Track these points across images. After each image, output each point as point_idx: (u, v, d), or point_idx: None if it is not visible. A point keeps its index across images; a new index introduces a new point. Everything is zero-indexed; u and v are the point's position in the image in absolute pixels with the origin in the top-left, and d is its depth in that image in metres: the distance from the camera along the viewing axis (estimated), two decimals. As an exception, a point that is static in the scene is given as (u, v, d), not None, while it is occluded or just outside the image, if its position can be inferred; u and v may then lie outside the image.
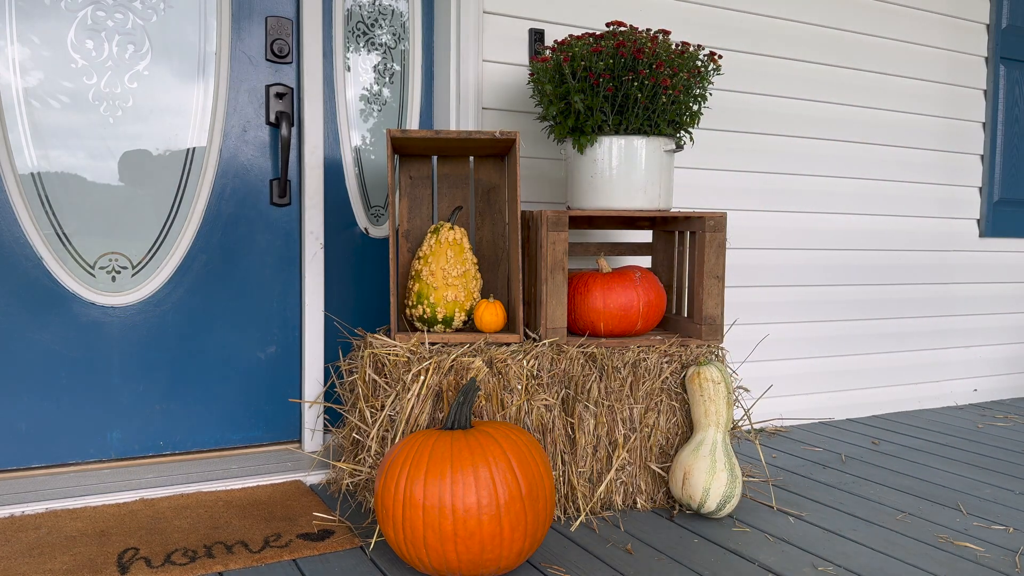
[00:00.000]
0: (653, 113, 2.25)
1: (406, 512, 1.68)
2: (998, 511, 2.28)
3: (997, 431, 3.21)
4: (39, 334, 2.30)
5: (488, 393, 2.04)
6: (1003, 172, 3.76)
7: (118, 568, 1.77)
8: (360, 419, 2.13)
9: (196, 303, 2.47)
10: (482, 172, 2.45)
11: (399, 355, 2.07)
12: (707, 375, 2.17)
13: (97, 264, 2.36)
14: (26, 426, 2.31)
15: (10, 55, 2.22)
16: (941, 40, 3.50)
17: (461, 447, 1.70)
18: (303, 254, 2.56)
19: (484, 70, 2.65)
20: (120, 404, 2.40)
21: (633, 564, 1.87)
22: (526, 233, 2.36)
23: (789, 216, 3.21)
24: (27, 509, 2.08)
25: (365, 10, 2.64)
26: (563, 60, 2.22)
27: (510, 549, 1.69)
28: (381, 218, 2.72)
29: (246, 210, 2.52)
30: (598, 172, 2.29)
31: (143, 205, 2.40)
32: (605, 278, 2.29)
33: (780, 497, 2.36)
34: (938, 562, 1.92)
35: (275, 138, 2.54)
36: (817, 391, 3.34)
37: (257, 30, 2.49)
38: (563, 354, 2.16)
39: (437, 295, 2.21)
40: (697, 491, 2.12)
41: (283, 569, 1.80)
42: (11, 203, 2.25)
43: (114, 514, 2.08)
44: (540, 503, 1.74)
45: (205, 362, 2.49)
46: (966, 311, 3.71)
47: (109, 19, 2.32)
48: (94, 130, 2.33)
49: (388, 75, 2.69)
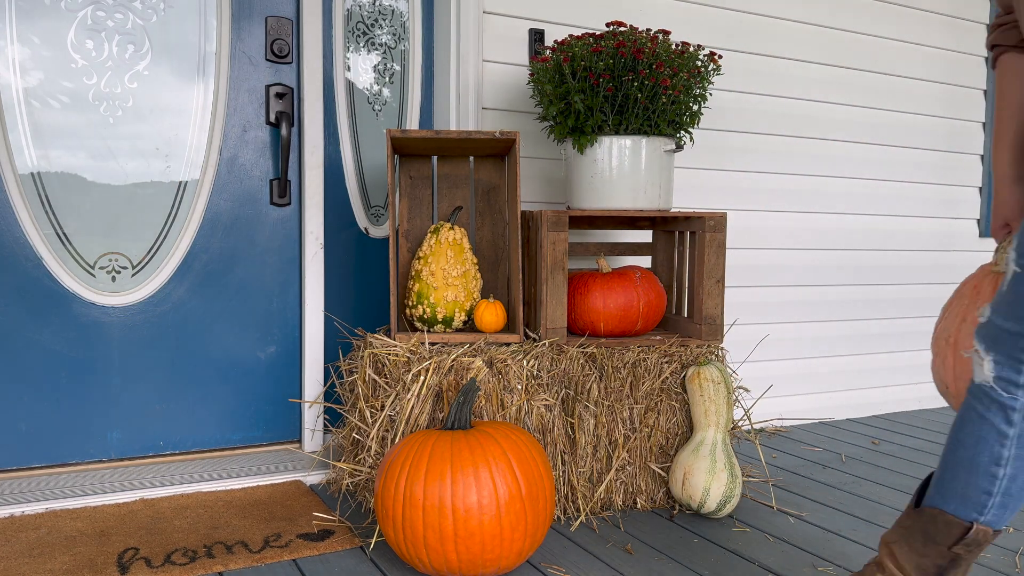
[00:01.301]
0: (653, 113, 2.25)
1: (406, 512, 1.68)
2: (998, 511, 2.28)
3: (997, 431, 3.21)
4: (39, 334, 2.30)
5: (488, 393, 2.04)
6: (1003, 172, 3.76)
7: (118, 568, 1.77)
8: (360, 419, 2.13)
9: (196, 303, 2.47)
10: (482, 172, 2.45)
11: (399, 355, 2.07)
12: (707, 375, 2.17)
13: (97, 264, 2.36)
14: (26, 426, 2.31)
15: (10, 55, 2.22)
16: (941, 40, 3.50)
17: (461, 447, 1.70)
18: (303, 254, 2.56)
19: (484, 70, 2.65)
20: (120, 404, 2.40)
21: (633, 564, 1.87)
22: (526, 233, 2.36)
23: (789, 216, 3.21)
24: (27, 509, 2.08)
25: (365, 10, 2.64)
26: (563, 60, 2.22)
27: (510, 549, 1.70)
28: (381, 218, 2.72)
29: (246, 210, 2.52)
30: (598, 172, 2.29)
31: (143, 205, 2.40)
32: (605, 278, 2.29)
33: (780, 497, 2.36)
34: (938, 562, 1.91)
35: (275, 138, 2.54)
36: (817, 391, 3.34)
37: (257, 30, 2.49)
38: (563, 354, 2.16)
39: (437, 295, 2.21)
40: (697, 491, 2.12)
41: (283, 569, 1.80)
42: (11, 203, 2.25)
43: (114, 514, 2.08)
44: (540, 503, 1.74)
45: (205, 362, 2.49)
46: (966, 311, 3.71)
47: (109, 19, 2.32)
48: (94, 130, 2.33)
49: (388, 75, 2.69)
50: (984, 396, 1.28)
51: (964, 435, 1.31)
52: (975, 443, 1.29)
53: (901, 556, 1.38)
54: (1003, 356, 1.25)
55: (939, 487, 1.35)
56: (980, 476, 1.29)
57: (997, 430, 1.27)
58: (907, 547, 1.37)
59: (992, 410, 1.27)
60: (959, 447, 1.32)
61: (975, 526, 1.30)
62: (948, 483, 1.33)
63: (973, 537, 1.31)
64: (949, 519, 1.32)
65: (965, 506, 1.31)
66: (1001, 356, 1.25)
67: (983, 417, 1.28)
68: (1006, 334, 1.24)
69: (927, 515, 1.36)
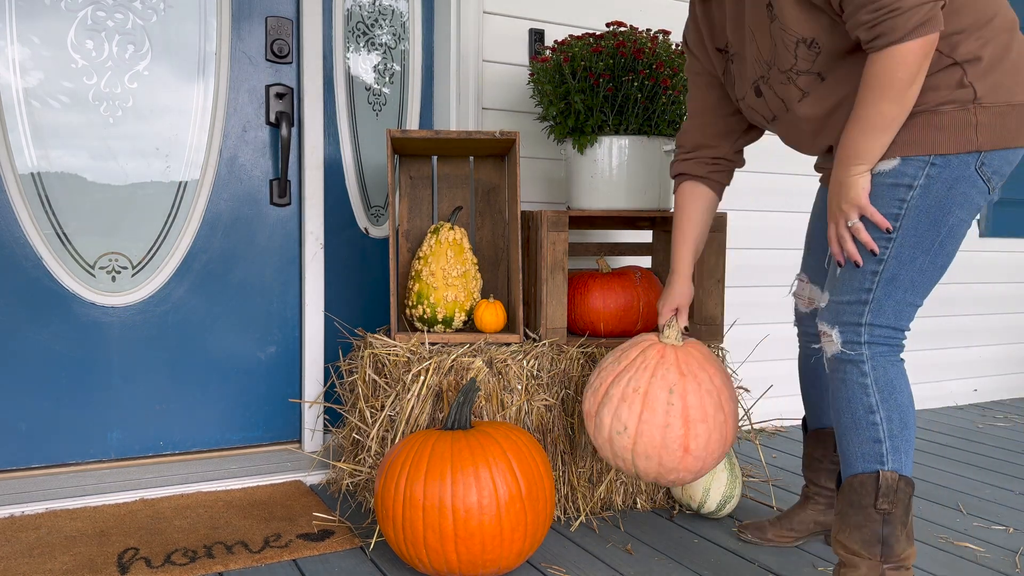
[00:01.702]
0: (653, 113, 2.25)
1: (406, 512, 1.68)
2: (998, 511, 2.28)
3: (997, 431, 3.21)
4: (39, 334, 2.30)
5: (488, 393, 2.04)
6: (1003, 172, 3.76)
7: (118, 568, 1.77)
8: (360, 419, 2.13)
9: (196, 303, 2.47)
10: (482, 172, 2.45)
11: (399, 355, 2.07)
12: None
13: (97, 264, 2.36)
14: (26, 426, 2.31)
15: (10, 55, 2.22)
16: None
17: (461, 447, 1.70)
18: (303, 254, 2.56)
19: (484, 70, 2.65)
20: (120, 404, 2.40)
21: (633, 564, 1.87)
22: (526, 233, 2.36)
23: (789, 216, 3.21)
24: (27, 509, 2.08)
25: (365, 10, 2.64)
26: (563, 60, 2.22)
27: (510, 549, 1.69)
28: (381, 218, 2.72)
29: (246, 210, 2.52)
30: (598, 172, 2.29)
31: (143, 205, 2.40)
32: (605, 278, 2.29)
33: (780, 497, 2.36)
34: (938, 562, 1.92)
35: (275, 138, 2.54)
36: (817, 391, 3.34)
37: (257, 30, 2.49)
38: (563, 354, 2.16)
39: (437, 295, 2.21)
40: (697, 491, 2.12)
41: (283, 569, 1.80)
42: (11, 203, 2.25)
43: (114, 514, 2.08)
44: (540, 503, 1.74)
45: (205, 362, 2.49)
46: (966, 311, 3.71)
47: (109, 19, 2.32)
48: (94, 130, 2.33)
49: (388, 75, 2.69)
50: (841, 364, 1.52)
51: (840, 403, 1.53)
52: (848, 403, 1.51)
53: (847, 540, 1.53)
54: (845, 325, 1.51)
55: (845, 460, 1.54)
56: (865, 429, 1.50)
57: (859, 383, 1.50)
58: (847, 528, 1.53)
59: (848, 369, 1.51)
60: (841, 415, 1.53)
61: (881, 473, 1.49)
62: (847, 450, 1.53)
63: (886, 485, 1.48)
64: (862, 479, 1.50)
65: (867, 461, 1.50)
66: (843, 326, 1.51)
67: (845, 380, 1.52)
68: (844, 305, 1.51)
69: (846, 487, 1.53)
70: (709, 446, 1.74)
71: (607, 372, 1.81)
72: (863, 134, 1.42)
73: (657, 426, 1.71)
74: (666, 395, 1.72)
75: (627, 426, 1.73)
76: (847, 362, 1.51)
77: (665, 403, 1.71)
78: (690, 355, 1.78)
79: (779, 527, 1.98)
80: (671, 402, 1.71)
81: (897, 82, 1.36)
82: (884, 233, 1.47)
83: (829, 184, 1.52)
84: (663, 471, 1.75)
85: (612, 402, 1.76)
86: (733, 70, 1.72)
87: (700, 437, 1.72)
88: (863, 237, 1.47)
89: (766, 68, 1.58)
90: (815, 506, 1.95)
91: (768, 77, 1.59)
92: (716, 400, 1.75)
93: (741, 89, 1.71)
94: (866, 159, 1.44)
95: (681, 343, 1.82)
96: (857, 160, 1.44)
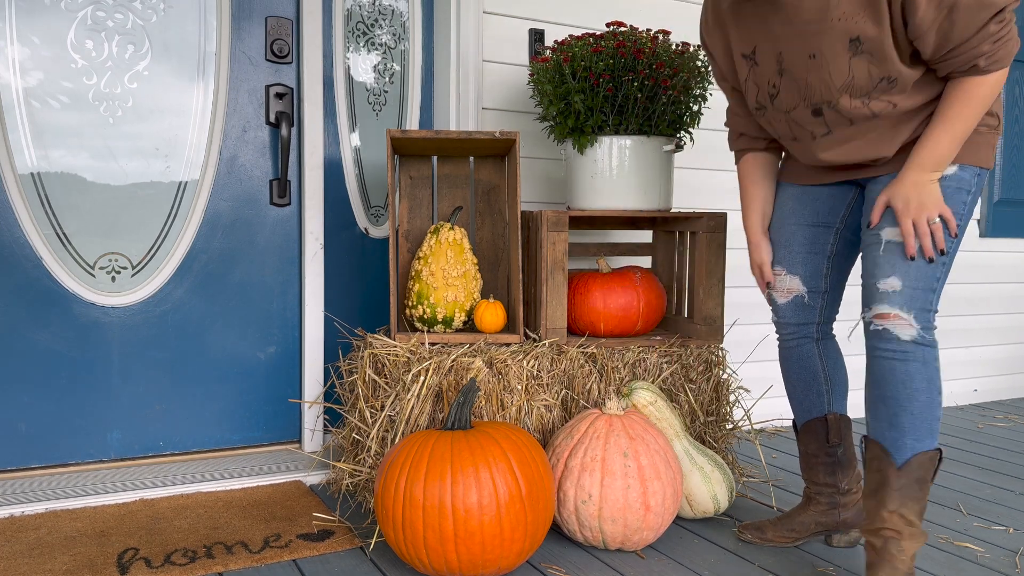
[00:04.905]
0: (653, 113, 2.25)
1: (406, 512, 1.68)
2: (998, 511, 2.28)
3: (997, 431, 3.21)
4: (39, 334, 2.30)
5: (488, 393, 2.04)
6: (1003, 172, 3.76)
7: (118, 568, 1.77)
8: (360, 419, 2.13)
9: (196, 303, 2.47)
10: (482, 172, 2.45)
11: (399, 355, 2.07)
12: (640, 402, 2.09)
13: (97, 264, 2.36)
14: (26, 426, 2.31)
15: (10, 55, 2.22)
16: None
17: (461, 447, 1.70)
18: (303, 254, 2.56)
19: (484, 70, 2.65)
20: (120, 404, 2.40)
21: (633, 564, 1.87)
22: (526, 233, 2.36)
23: (789, 216, 3.21)
24: (27, 509, 2.08)
25: (365, 10, 2.64)
26: (563, 60, 2.22)
27: (510, 549, 1.69)
28: (381, 218, 2.72)
29: (246, 210, 2.52)
30: (598, 172, 2.29)
31: (143, 205, 2.40)
32: (605, 278, 2.29)
33: (780, 497, 2.36)
34: (938, 562, 1.92)
35: (275, 138, 2.54)
36: (817, 391, 3.33)
37: (257, 30, 2.49)
38: (563, 354, 2.16)
39: (437, 295, 2.21)
40: (708, 504, 2.10)
41: (283, 569, 1.80)
42: (11, 203, 2.25)
43: (114, 514, 2.08)
44: (540, 503, 1.74)
45: (205, 362, 2.49)
46: (966, 311, 3.71)
47: (109, 19, 2.32)
48: (94, 130, 2.33)
49: (388, 75, 2.69)
50: (917, 347, 1.62)
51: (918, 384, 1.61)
52: (928, 384, 1.61)
53: (908, 512, 1.63)
54: (920, 312, 1.62)
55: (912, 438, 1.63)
56: (937, 408, 1.63)
57: (935, 366, 1.63)
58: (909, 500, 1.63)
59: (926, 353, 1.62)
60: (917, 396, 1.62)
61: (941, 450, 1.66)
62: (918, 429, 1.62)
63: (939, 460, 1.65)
64: (931, 455, 1.63)
65: (934, 438, 1.63)
66: (919, 312, 1.62)
67: (925, 362, 1.62)
68: (918, 291, 1.62)
69: (914, 465, 1.63)
70: (665, 502, 1.88)
71: (562, 448, 1.93)
72: (953, 143, 1.58)
73: (619, 489, 1.84)
74: (622, 459, 1.85)
75: (591, 494, 1.85)
76: (925, 346, 1.62)
77: (623, 466, 1.85)
78: (633, 421, 1.93)
79: (779, 528, 1.98)
80: (627, 464, 1.85)
81: (987, 100, 1.56)
82: (949, 232, 1.63)
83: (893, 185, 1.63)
84: (628, 532, 1.86)
85: (573, 473, 1.87)
86: (752, 77, 1.77)
87: (657, 494, 1.85)
88: (940, 235, 1.61)
89: (836, 94, 1.65)
90: (816, 507, 1.96)
91: (835, 102, 1.66)
92: (664, 458, 1.90)
93: (760, 98, 1.78)
94: (943, 166, 1.60)
95: (623, 412, 1.95)
96: (938, 167, 1.60)
